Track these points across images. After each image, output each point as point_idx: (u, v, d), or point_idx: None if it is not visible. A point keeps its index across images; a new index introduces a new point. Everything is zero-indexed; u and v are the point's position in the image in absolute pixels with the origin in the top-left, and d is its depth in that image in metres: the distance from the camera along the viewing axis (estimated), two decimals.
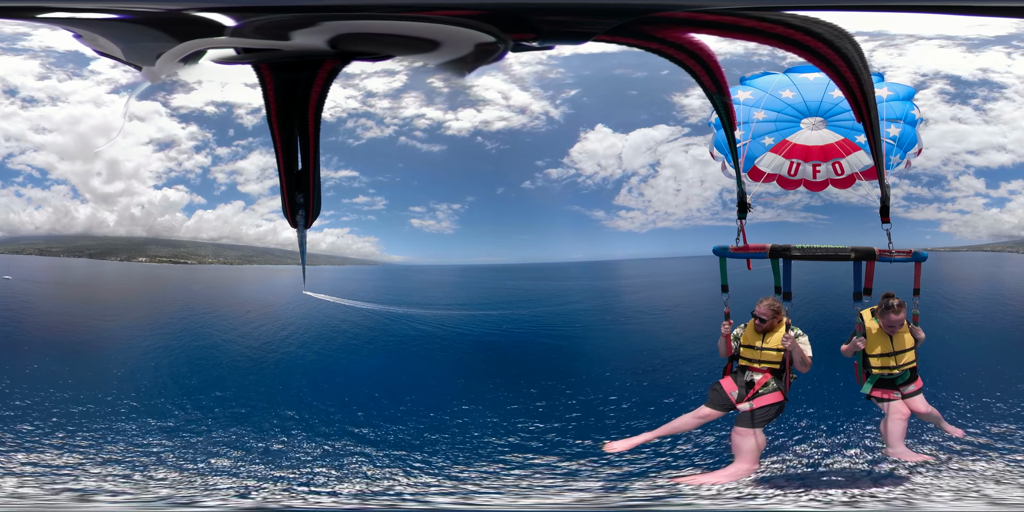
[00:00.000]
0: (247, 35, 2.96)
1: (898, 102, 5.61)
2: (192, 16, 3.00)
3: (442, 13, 2.91)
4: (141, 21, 3.06)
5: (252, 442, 7.20)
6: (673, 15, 3.01)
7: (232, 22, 2.95)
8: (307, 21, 2.90)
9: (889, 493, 5.29)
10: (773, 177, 5.72)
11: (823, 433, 6.93)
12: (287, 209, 3.77)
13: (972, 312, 14.43)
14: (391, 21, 2.92)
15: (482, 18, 2.89)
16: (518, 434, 7.40)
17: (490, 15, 2.89)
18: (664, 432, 5.73)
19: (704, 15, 3.03)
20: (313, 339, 13.16)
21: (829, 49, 3.13)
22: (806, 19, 3.04)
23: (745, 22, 3.05)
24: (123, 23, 3.10)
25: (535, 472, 6.23)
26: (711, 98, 3.65)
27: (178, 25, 3.04)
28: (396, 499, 5.69)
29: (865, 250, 5.13)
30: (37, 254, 21.28)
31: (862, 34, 13.50)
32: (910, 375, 5.75)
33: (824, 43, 3.10)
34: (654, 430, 5.74)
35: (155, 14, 3.02)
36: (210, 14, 2.96)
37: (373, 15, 2.91)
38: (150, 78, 3.19)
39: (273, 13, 2.93)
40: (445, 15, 2.89)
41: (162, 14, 3.02)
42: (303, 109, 3.34)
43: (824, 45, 3.10)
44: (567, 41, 3.13)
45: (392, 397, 8.90)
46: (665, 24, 3.05)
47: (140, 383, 9.55)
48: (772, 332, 5.60)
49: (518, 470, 6.28)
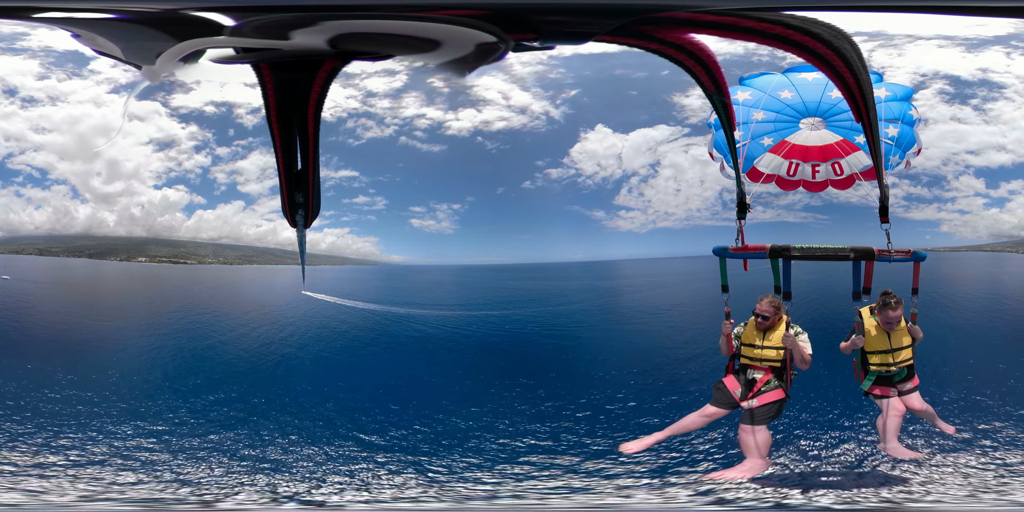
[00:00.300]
0: (246, 35, 2.95)
1: (896, 102, 5.62)
2: (191, 16, 3.00)
3: (444, 13, 2.91)
4: (139, 21, 3.05)
5: (245, 450, 7.11)
6: (673, 15, 3.02)
7: (231, 22, 2.95)
8: (307, 21, 2.89)
9: (880, 491, 5.39)
10: (772, 178, 5.73)
11: (823, 429, 7.03)
12: (286, 209, 3.76)
13: (970, 311, 14.47)
14: (392, 21, 2.92)
15: (484, 18, 2.89)
16: (535, 435, 7.43)
17: (492, 15, 2.89)
18: (673, 431, 5.80)
19: (704, 15, 3.04)
20: (313, 340, 13.12)
21: (828, 49, 3.13)
22: (804, 19, 3.05)
23: (744, 22, 3.06)
24: (122, 23, 3.09)
25: (558, 472, 6.31)
26: (710, 98, 3.65)
27: (177, 25, 3.03)
28: (415, 504, 5.70)
29: (864, 250, 5.16)
30: (37, 254, 21.28)
31: (861, 34, 13.49)
32: (907, 373, 5.81)
33: (823, 43, 3.10)
34: (664, 430, 5.82)
35: (153, 14, 3.02)
36: (209, 14, 2.95)
37: (374, 15, 2.91)
38: (149, 77, 3.18)
39: (273, 13, 2.93)
40: (447, 15, 2.89)
41: (160, 14, 3.02)
42: (303, 109, 3.34)
43: (823, 45, 3.11)
44: (568, 41, 3.13)
45: (398, 401, 8.85)
46: (665, 24, 3.05)
47: (133, 385, 9.49)
48: (773, 331, 5.66)
49: (542, 471, 6.34)
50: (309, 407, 8.78)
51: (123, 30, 3.13)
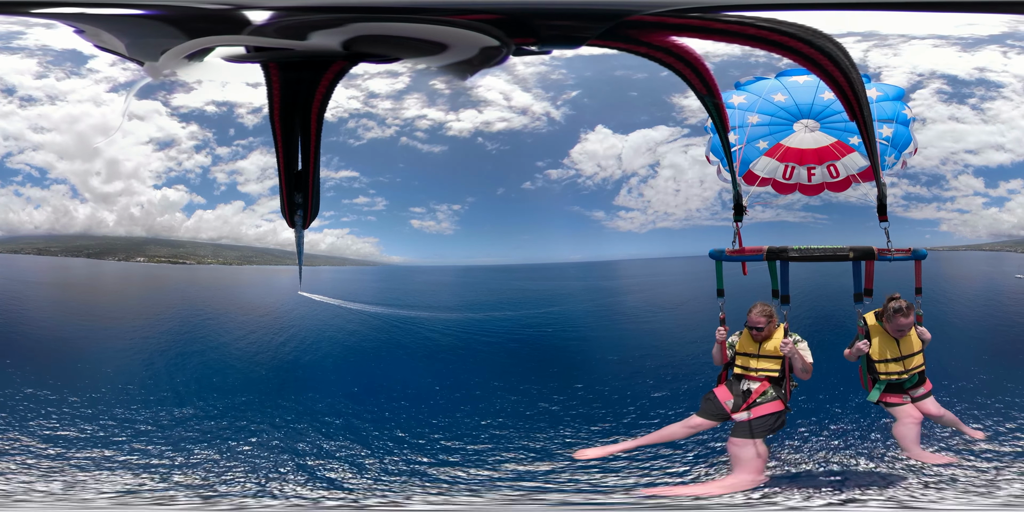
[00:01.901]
0: (266, 34, 2.96)
1: (888, 102, 5.60)
2: (215, 12, 2.99)
3: (457, 17, 2.93)
4: (162, 18, 3.04)
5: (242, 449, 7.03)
6: (654, 19, 3.00)
7: (261, 19, 2.95)
8: (334, 22, 2.90)
9: (882, 492, 5.23)
10: (768, 181, 5.72)
11: (825, 437, 6.83)
12: (285, 209, 3.77)
13: (969, 310, 14.46)
14: (408, 24, 2.94)
15: (492, 22, 2.90)
16: (579, 437, 7.26)
17: (499, 19, 2.91)
18: (651, 440, 5.51)
19: (683, 19, 3.02)
20: (316, 344, 12.91)
21: (811, 48, 3.12)
22: (773, 21, 3.02)
23: (719, 25, 3.04)
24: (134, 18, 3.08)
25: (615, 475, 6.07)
26: (702, 100, 3.65)
27: (199, 21, 3.02)
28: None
29: (864, 249, 5.03)
30: (35, 253, 21.27)
31: (854, 34, 13.55)
32: (918, 378, 5.56)
33: (803, 42, 3.09)
34: (637, 439, 5.55)
35: (180, 9, 3.01)
36: (242, 10, 2.95)
37: (395, 18, 2.92)
38: (151, 74, 3.18)
39: (303, 13, 2.94)
40: (461, 19, 2.91)
41: (186, 10, 3.02)
42: (306, 109, 3.34)
43: (804, 44, 3.09)
44: (563, 46, 3.14)
45: (443, 411, 8.60)
46: (648, 28, 3.03)
47: (124, 389, 9.31)
48: (769, 338, 5.41)
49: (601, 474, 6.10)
50: (310, 412, 8.66)
51: (131, 25, 3.12)
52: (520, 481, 6.16)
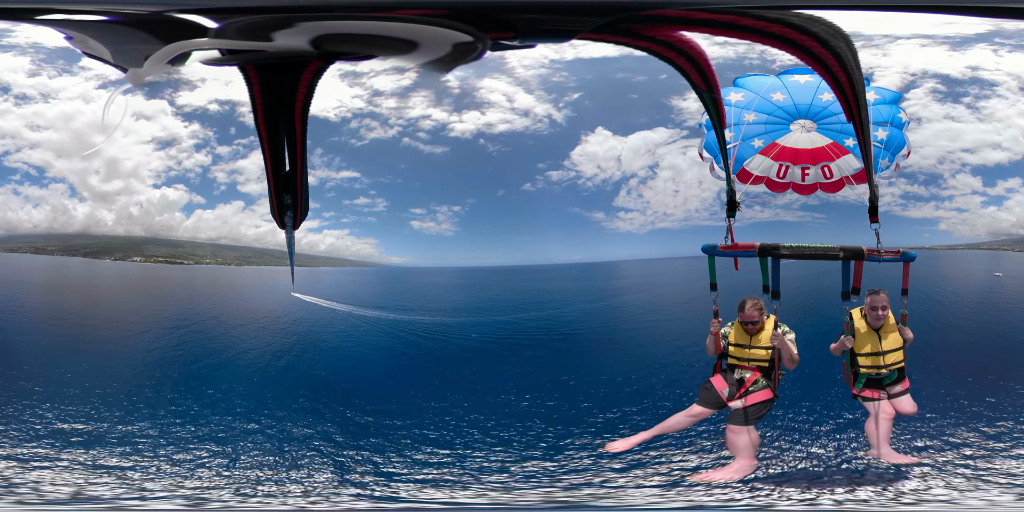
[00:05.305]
0: (230, 36, 2.95)
1: (884, 106, 5.60)
2: (176, 18, 3.00)
3: (408, 13, 2.88)
4: (127, 23, 3.05)
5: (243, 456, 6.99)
6: (665, 13, 2.98)
7: (213, 24, 2.94)
8: (284, 22, 2.89)
9: (872, 494, 5.35)
10: (761, 179, 5.71)
11: (810, 432, 7.00)
12: (275, 210, 3.76)
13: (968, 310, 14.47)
14: (369, 22, 2.91)
15: (452, 17, 2.87)
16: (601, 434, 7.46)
17: (460, 15, 2.87)
18: (659, 431, 5.76)
19: (698, 13, 2.99)
20: (320, 347, 12.77)
21: (824, 48, 3.10)
22: (803, 17, 3.00)
23: (741, 21, 3.01)
24: (112, 25, 3.09)
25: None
26: (700, 96, 3.63)
27: (165, 27, 3.03)
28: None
29: (854, 250, 5.12)
30: (33, 252, 21.24)
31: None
32: (898, 375, 5.73)
33: (819, 42, 3.07)
34: (649, 430, 5.78)
35: (140, 16, 3.01)
36: (191, 16, 2.95)
37: (348, 16, 2.90)
38: (134, 81, 3.18)
39: (249, 14, 2.92)
40: (414, 15, 2.87)
41: (147, 16, 3.02)
42: (290, 110, 3.34)
43: (819, 44, 3.07)
44: (548, 40, 3.11)
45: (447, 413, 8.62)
46: (656, 22, 3.01)
47: (114, 395, 9.20)
48: (761, 330, 5.65)
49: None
50: (308, 418, 8.65)
51: (113, 33, 3.13)
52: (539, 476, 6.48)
